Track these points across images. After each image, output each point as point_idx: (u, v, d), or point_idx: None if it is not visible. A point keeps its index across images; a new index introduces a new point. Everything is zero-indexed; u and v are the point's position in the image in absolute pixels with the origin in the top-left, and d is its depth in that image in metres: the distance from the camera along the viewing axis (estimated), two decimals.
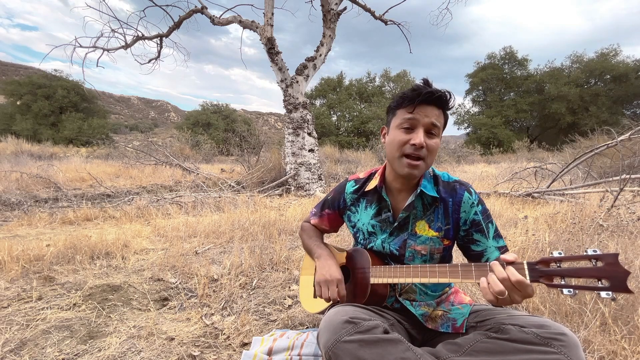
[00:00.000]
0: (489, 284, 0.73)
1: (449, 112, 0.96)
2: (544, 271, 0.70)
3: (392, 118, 0.97)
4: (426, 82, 0.93)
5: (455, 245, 1.04)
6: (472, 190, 0.98)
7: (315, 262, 1.16)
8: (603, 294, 0.63)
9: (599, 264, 0.65)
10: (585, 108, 21.71)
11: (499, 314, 0.90)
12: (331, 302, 1.11)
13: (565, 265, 0.70)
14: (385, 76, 25.27)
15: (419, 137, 0.89)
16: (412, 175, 0.94)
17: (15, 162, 7.50)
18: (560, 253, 0.70)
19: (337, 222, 1.25)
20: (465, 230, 0.97)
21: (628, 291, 0.61)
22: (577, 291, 0.66)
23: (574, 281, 0.68)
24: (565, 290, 0.67)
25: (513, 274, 0.71)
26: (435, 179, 1.02)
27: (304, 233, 1.29)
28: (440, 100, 0.90)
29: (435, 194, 0.98)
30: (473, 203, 0.96)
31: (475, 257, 0.98)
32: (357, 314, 0.86)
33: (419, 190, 0.97)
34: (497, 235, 0.97)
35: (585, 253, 0.67)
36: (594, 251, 0.66)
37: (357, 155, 11.74)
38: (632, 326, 1.23)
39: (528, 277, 0.71)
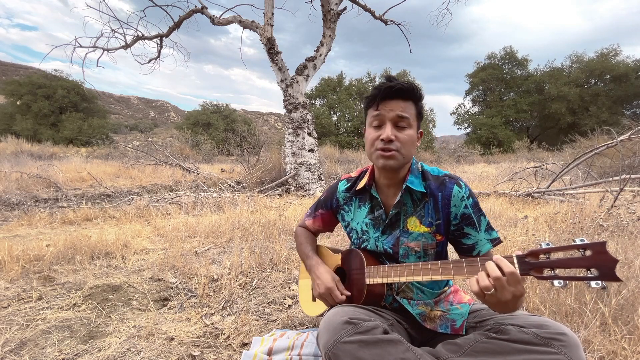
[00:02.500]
0: (477, 280, 0.73)
1: (423, 102, 0.97)
2: (533, 263, 0.70)
3: (366, 118, 1.01)
4: (388, 78, 0.94)
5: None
6: (462, 184, 0.96)
7: (308, 273, 1.16)
8: (593, 283, 0.62)
9: (587, 253, 0.64)
10: (585, 108, 21.69)
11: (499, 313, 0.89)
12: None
13: (554, 256, 0.69)
14: (385, 76, 25.24)
15: (386, 132, 0.92)
16: (388, 165, 0.95)
17: (15, 162, 7.50)
18: (548, 244, 0.69)
19: (332, 221, 1.25)
20: (456, 225, 0.96)
21: (617, 279, 0.61)
22: (567, 282, 0.66)
23: (563, 272, 0.67)
24: (555, 282, 0.66)
25: (507, 265, 0.71)
26: (424, 174, 1.01)
27: (297, 240, 1.30)
28: (401, 93, 0.92)
29: (423, 189, 0.97)
30: (463, 197, 0.95)
31: (466, 250, 0.96)
32: (357, 314, 0.86)
33: (404, 186, 0.98)
34: (489, 228, 0.96)
35: (573, 243, 0.66)
36: (582, 240, 0.65)
37: (357, 155, 11.75)
38: (632, 326, 1.23)
39: (518, 271, 0.71)
